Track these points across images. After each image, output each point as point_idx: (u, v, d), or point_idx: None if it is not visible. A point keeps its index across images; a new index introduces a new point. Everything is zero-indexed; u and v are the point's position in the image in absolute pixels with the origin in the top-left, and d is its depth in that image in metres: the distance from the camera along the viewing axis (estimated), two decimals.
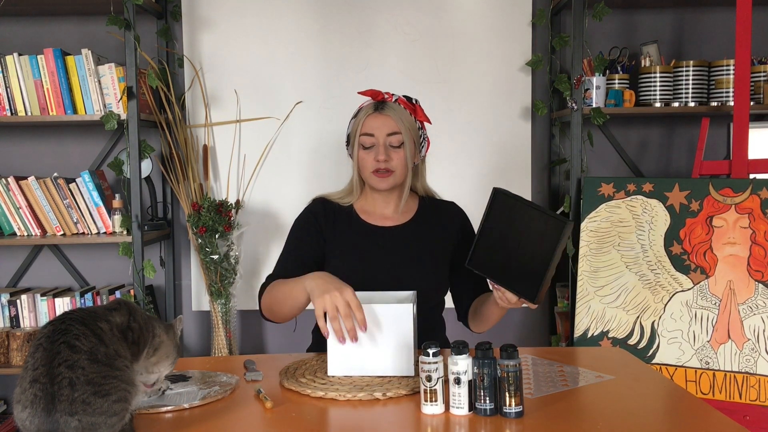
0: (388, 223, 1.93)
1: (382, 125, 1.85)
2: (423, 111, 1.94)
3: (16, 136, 3.11)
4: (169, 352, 1.33)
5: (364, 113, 1.89)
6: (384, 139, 1.85)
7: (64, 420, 1.07)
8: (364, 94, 1.93)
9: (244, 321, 3.18)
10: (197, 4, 3.03)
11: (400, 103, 1.90)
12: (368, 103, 1.91)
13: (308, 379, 1.52)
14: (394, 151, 1.86)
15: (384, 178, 1.86)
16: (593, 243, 2.66)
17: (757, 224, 2.51)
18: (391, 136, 1.85)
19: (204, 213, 2.84)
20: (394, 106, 1.88)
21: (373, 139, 1.86)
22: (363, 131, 1.87)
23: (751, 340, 2.46)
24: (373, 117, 1.87)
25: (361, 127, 1.87)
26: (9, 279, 3.14)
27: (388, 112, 1.86)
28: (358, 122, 1.89)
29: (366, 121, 1.87)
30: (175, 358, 1.36)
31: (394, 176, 1.87)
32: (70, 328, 1.14)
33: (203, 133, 3.05)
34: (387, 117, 1.86)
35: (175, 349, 1.35)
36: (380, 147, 1.85)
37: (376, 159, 1.84)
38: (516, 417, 1.31)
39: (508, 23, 3.04)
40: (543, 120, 3.13)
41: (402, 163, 1.86)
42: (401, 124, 1.85)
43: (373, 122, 1.86)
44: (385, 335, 1.51)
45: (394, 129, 1.85)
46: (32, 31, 3.07)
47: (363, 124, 1.87)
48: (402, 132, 1.85)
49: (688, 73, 2.87)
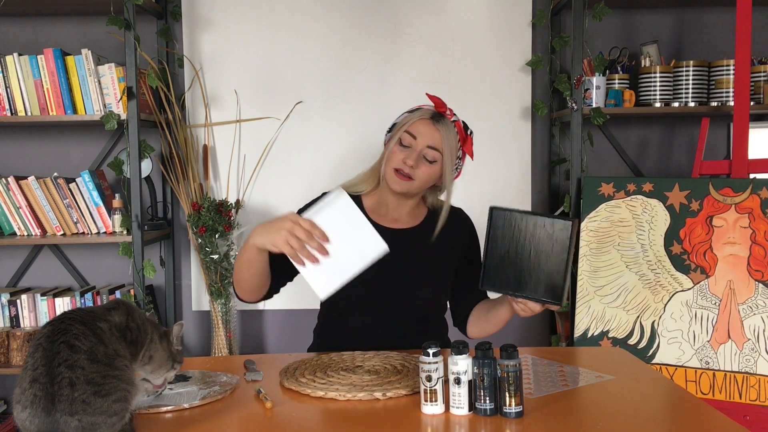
0: (398, 226, 1.92)
1: (428, 135, 1.82)
2: (472, 144, 1.90)
3: (16, 136, 3.11)
4: (162, 362, 1.32)
5: (419, 115, 1.85)
6: (422, 148, 1.82)
7: (64, 420, 1.07)
8: (431, 98, 1.89)
9: (244, 321, 3.18)
10: (197, 4, 3.03)
11: (456, 125, 1.87)
12: (428, 107, 1.89)
13: (308, 379, 1.52)
14: (424, 163, 1.83)
15: (402, 180, 1.82)
16: (593, 243, 2.65)
17: (757, 224, 2.51)
18: (430, 149, 1.82)
19: (204, 213, 2.84)
20: (449, 125, 1.84)
21: (413, 141, 1.83)
22: (409, 129, 1.83)
23: (751, 340, 2.46)
24: (425, 123, 1.83)
25: (409, 126, 1.84)
26: (9, 279, 3.14)
27: (440, 127, 1.83)
28: (410, 120, 1.85)
29: (416, 123, 1.84)
30: (173, 366, 1.35)
31: (411, 185, 1.83)
32: (70, 327, 1.14)
33: (203, 133, 3.05)
34: (437, 131, 1.82)
35: (169, 359, 1.33)
36: (415, 152, 1.82)
37: (405, 161, 1.82)
38: (516, 417, 1.31)
39: (508, 23, 3.04)
40: (543, 120, 3.13)
41: (425, 179, 1.84)
42: (446, 144, 1.82)
43: (421, 127, 1.83)
44: (341, 231, 1.55)
45: (436, 144, 1.82)
46: (32, 31, 3.07)
47: (412, 124, 1.84)
48: (441, 151, 1.82)
49: (688, 73, 2.87)
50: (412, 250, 1.89)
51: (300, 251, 1.53)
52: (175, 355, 1.36)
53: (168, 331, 1.36)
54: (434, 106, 1.88)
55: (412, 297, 1.86)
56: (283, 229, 1.54)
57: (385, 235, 1.90)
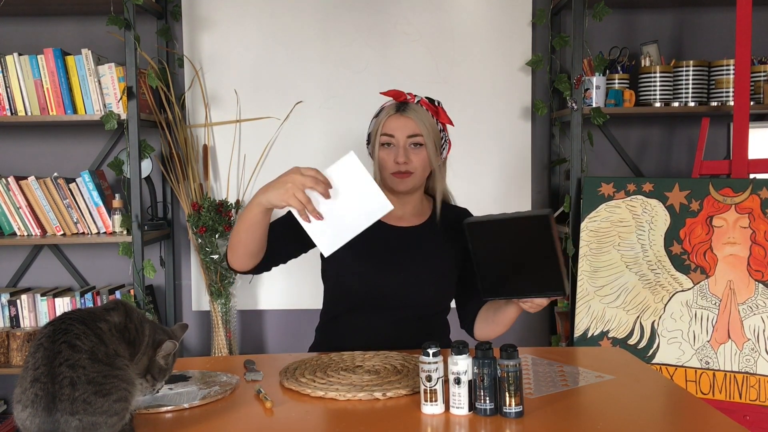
0: (402, 224, 1.92)
1: (403, 127, 1.83)
2: (445, 113, 1.91)
3: (16, 136, 3.11)
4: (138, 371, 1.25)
5: (385, 114, 1.86)
6: (404, 140, 1.83)
7: (64, 419, 1.07)
8: (386, 94, 1.90)
9: (244, 321, 3.18)
10: (197, 4, 3.03)
11: (422, 104, 1.88)
12: (390, 103, 1.89)
13: (308, 379, 1.52)
14: (414, 152, 1.83)
15: (403, 179, 1.83)
16: (593, 243, 2.66)
17: (757, 224, 2.51)
18: (411, 137, 1.83)
19: (204, 213, 2.84)
20: (416, 108, 1.85)
21: (393, 139, 1.83)
22: (383, 131, 1.84)
23: (751, 340, 2.46)
24: (395, 118, 1.84)
25: (382, 128, 1.85)
26: (9, 279, 3.14)
27: (410, 114, 1.83)
28: (379, 122, 1.86)
29: (387, 122, 1.85)
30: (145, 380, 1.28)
31: (413, 178, 1.84)
32: (71, 327, 1.14)
33: (203, 133, 3.05)
34: (408, 119, 1.83)
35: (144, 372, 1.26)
36: (400, 149, 1.82)
37: (396, 161, 1.82)
38: (516, 417, 1.31)
39: (508, 23, 3.04)
40: (543, 120, 3.13)
41: (422, 164, 1.84)
42: (423, 126, 1.83)
43: (394, 123, 1.84)
44: (348, 191, 1.59)
45: (415, 131, 1.83)
46: (32, 31, 3.07)
47: (384, 125, 1.85)
48: (423, 134, 1.83)
49: (688, 73, 2.87)
50: (416, 249, 1.89)
51: (307, 205, 1.56)
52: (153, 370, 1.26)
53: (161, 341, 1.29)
54: (394, 99, 1.89)
55: (416, 297, 1.86)
56: (289, 182, 1.56)
57: (389, 234, 1.90)
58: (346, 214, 1.59)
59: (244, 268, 1.79)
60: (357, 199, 1.59)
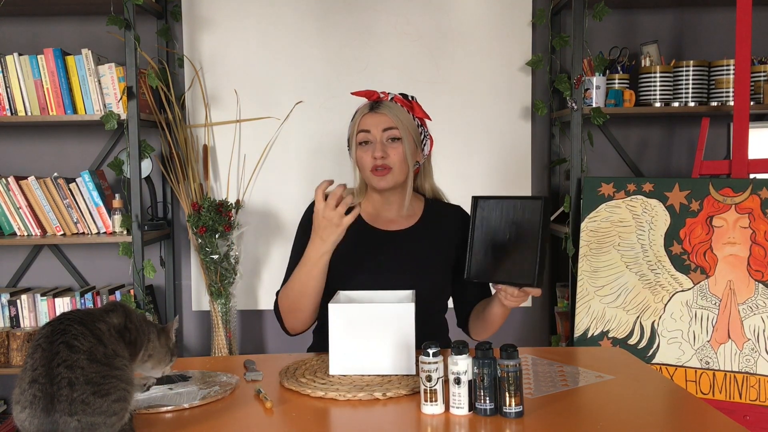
0: (393, 227, 1.92)
1: (377, 122, 1.84)
2: (421, 107, 1.92)
3: (16, 136, 3.11)
4: (161, 357, 1.35)
5: (360, 114, 1.89)
6: (380, 135, 1.83)
7: (63, 420, 1.07)
8: (357, 94, 1.92)
9: (244, 321, 3.18)
10: (197, 4, 3.03)
11: (396, 101, 1.89)
12: (364, 104, 1.91)
13: (308, 379, 1.52)
14: (391, 146, 1.84)
15: (382, 175, 1.84)
16: (593, 243, 2.65)
17: (757, 224, 2.51)
18: (388, 131, 1.84)
19: (204, 213, 2.84)
20: (390, 105, 1.87)
21: (369, 135, 1.84)
22: (359, 128, 1.86)
23: (751, 340, 2.46)
24: (369, 116, 1.86)
25: (358, 126, 1.86)
26: (9, 279, 3.14)
27: (384, 111, 1.85)
28: (355, 123, 1.89)
29: (362, 120, 1.86)
30: (170, 360, 1.37)
31: (392, 173, 1.84)
32: (69, 328, 1.14)
33: (203, 133, 3.05)
34: (382, 115, 1.85)
35: (168, 354, 1.36)
36: (377, 144, 1.83)
37: (374, 156, 1.83)
38: (516, 417, 1.31)
39: (508, 23, 3.04)
40: (543, 120, 3.13)
41: (400, 158, 1.84)
42: (398, 120, 1.84)
43: (368, 120, 1.85)
44: (386, 334, 1.52)
45: (390, 124, 1.84)
46: (32, 31, 3.07)
47: (359, 123, 1.86)
48: (399, 128, 1.83)
49: (688, 73, 2.87)
50: (409, 252, 1.89)
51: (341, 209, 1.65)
52: (173, 349, 1.38)
53: (166, 328, 1.38)
54: (367, 98, 1.90)
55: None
56: (324, 220, 1.67)
57: (382, 238, 1.90)
58: (372, 352, 1.52)
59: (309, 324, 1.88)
60: (389, 347, 1.52)
